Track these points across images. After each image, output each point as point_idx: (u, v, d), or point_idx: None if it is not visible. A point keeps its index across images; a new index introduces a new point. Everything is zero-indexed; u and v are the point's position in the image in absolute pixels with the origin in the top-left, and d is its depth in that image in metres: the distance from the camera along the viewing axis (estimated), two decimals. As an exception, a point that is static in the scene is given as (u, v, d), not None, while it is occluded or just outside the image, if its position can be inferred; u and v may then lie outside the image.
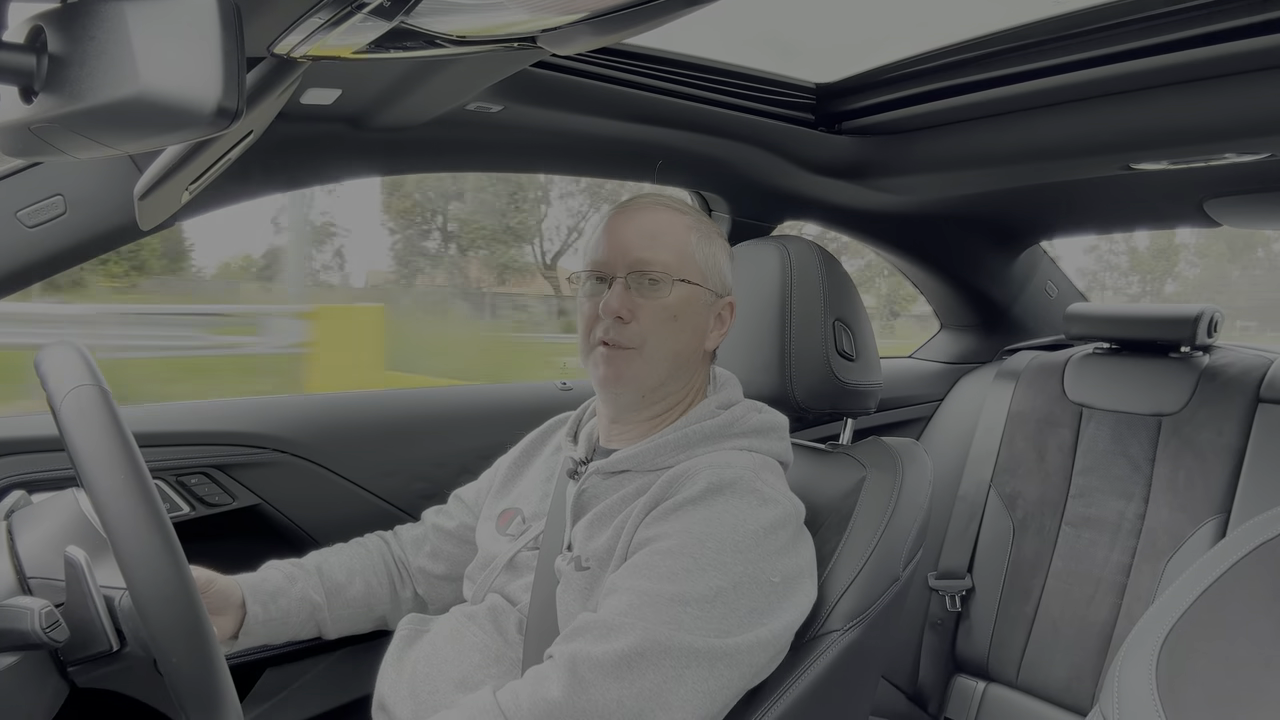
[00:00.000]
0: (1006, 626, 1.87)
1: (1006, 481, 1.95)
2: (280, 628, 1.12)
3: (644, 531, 0.97)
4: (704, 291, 1.06)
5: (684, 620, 0.88)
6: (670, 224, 1.06)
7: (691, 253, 1.06)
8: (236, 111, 0.46)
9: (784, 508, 1.00)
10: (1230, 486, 1.67)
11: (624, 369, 1.04)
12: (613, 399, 1.10)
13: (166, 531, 0.74)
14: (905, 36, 1.43)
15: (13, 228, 1.05)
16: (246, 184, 1.24)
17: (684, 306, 1.04)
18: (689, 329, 1.05)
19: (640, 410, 1.09)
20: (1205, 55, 1.15)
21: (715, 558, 0.91)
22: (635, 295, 1.03)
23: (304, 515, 1.42)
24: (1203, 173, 1.53)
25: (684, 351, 1.06)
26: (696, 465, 1.01)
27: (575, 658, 0.87)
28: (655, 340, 1.03)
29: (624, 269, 1.04)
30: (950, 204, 1.93)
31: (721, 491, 0.96)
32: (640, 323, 1.03)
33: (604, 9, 0.63)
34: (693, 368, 1.09)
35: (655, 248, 1.04)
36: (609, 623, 0.89)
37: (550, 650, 0.91)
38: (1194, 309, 1.84)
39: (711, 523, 0.94)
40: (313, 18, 0.58)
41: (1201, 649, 0.68)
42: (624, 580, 0.93)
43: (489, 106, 1.26)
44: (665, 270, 1.03)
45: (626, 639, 0.86)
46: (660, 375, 1.05)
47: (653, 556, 0.93)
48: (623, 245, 1.04)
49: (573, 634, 0.91)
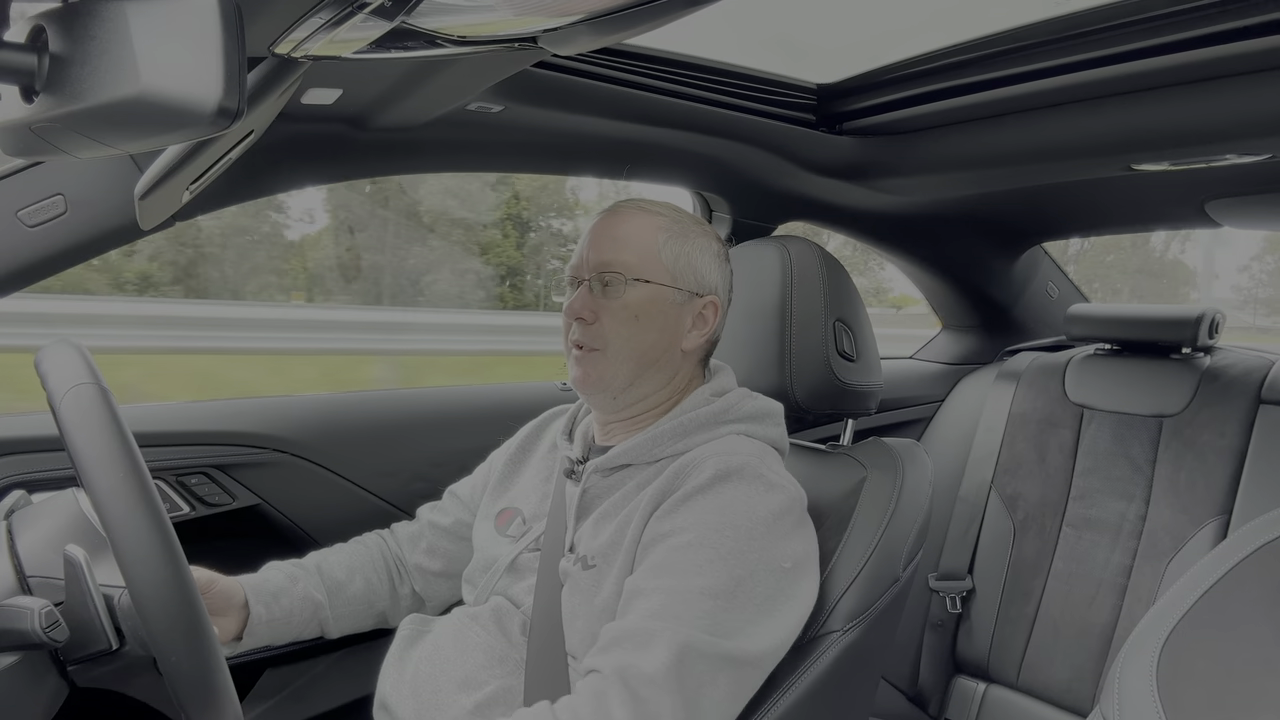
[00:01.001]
0: (1007, 627, 1.87)
1: (1007, 482, 1.95)
2: (283, 628, 1.12)
3: (656, 525, 0.96)
4: (670, 291, 1.06)
5: (714, 616, 0.89)
6: (640, 226, 1.07)
7: (656, 253, 1.06)
8: (237, 111, 0.46)
9: (789, 493, 1.01)
10: (1231, 488, 1.67)
11: (590, 369, 1.05)
12: (588, 399, 1.12)
13: (166, 531, 0.74)
14: (907, 37, 1.43)
15: (13, 227, 1.05)
16: (247, 184, 1.24)
17: (646, 306, 1.05)
18: (654, 329, 1.05)
19: (618, 410, 1.10)
20: (1207, 56, 1.15)
21: (733, 546, 0.92)
22: (599, 297, 1.05)
23: (304, 515, 1.42)
24: (1204, 174, 1.53)
25: (650, 351, 1.06)
26: (701, 454, 1.01)
27: (626, 673, 0.85)
28: (617, 340, 1.04)
29: (590, 271, 1.06)
30: (951, 204, 1.93)
31: (729, 478, 0.97)
32: (602, 323, 1.04)
33: (604, 9, 0.63)
34: (670, 368, 1.09)
35: (618, 249, 1.05)
36: (645, 629, 0.88)
37: (592, 663, 0.89)
38: (1195, 310, 1.84)
39: (725, 511, 0.94)
40: (314, 18, 0.58)
41: (1203, 650, 0.68)
42: (648, 580, 0.92)
43: (490, 107, 1.26)
44: (623, 270, 1.04)
45: (665, 645, 0.86)
46: (626, 375, 1.06)
47: (673, 553, 0.93)
48: (592, 249, 1.07)
49: (610, 644, 0.90)
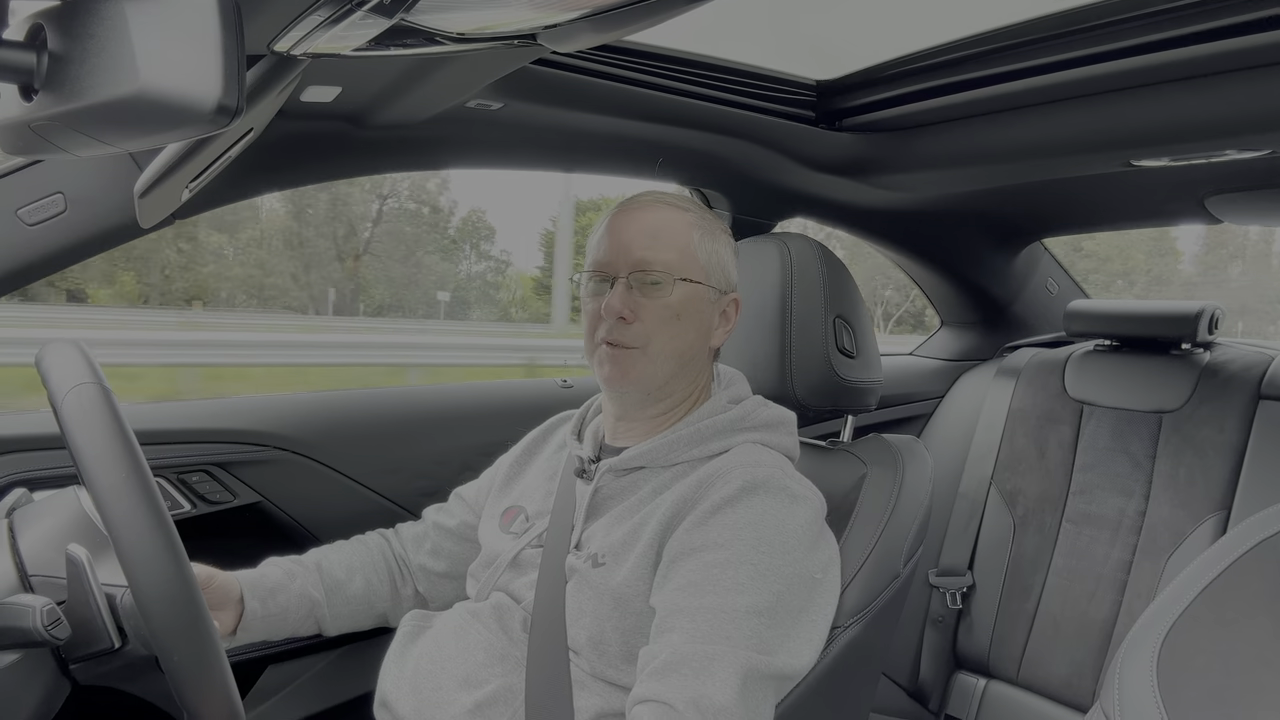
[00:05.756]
0: (1007, 623, 1.87)
1: (1007, 479, 1.95)
2: (279, 624, 1.12)
3: (686, 538, 0.95)
4: (707, 289, 1.06)
5: (760, 634, 0.89)
6: (672, 222, 1.06)
7: (694, 251, 1.05)
8: (236, 109, 0.46)
9: (813, 504, 1.01)
10: (1231, 483, 1.67)
11: (629, 368, 1.04)
12: (618, 398, 1.10)
13: (168, 529, 0.74)
14: (906, 33, 1.42)
15: (13, 226, 1.05)
16: (246, 182, 1.24)
17: (686, 305, 1.04)
18: (693, 327, 1.05)
19: (646, 408, 1.09)
20: (1207, 51, 1.15)
21: (770, 562, 0.92)
22: (638, 295, 1.03)
23: (305, 513, 1.42)
24: (1204, 169, 1.53)
25: (688, 350, 1.06)
26: (726, 464, 1.01)
27: (701, 704, 0.83)
28: (659, 340, 1.03)
29: (626, 269, 1.03)
30: (951, 201, 1.93)
31: (756, 491, 0.96)
32: (643, 322, 1.03)
33: (604, 6, 0.63)
34: (698, 365, 1.09)
35: (657, 247, 1.04)
36: (702, 653, 0.86)
37: (652, 692, 0.86)
38: (1194, 306, 1.84)
39: (758, 526, 0.94)
40: (313, 15, 0.58)
41: (1202, 646, 0.68)
42: (689, 599, 0.91)
43: (489, 104, 1.26)
44: (667, 269, 1.03)
45: (729, 670, 0.85)
46: (665, 374, 1.05)
47: (711, 570, 0.91)
48: (624, 245, 1.04)
49: (666, 670, 0.86)
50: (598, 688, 0.97)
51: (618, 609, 0.97)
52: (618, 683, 0.97)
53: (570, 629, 0.99)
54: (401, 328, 16.52)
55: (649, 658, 0.90)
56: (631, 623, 0.96)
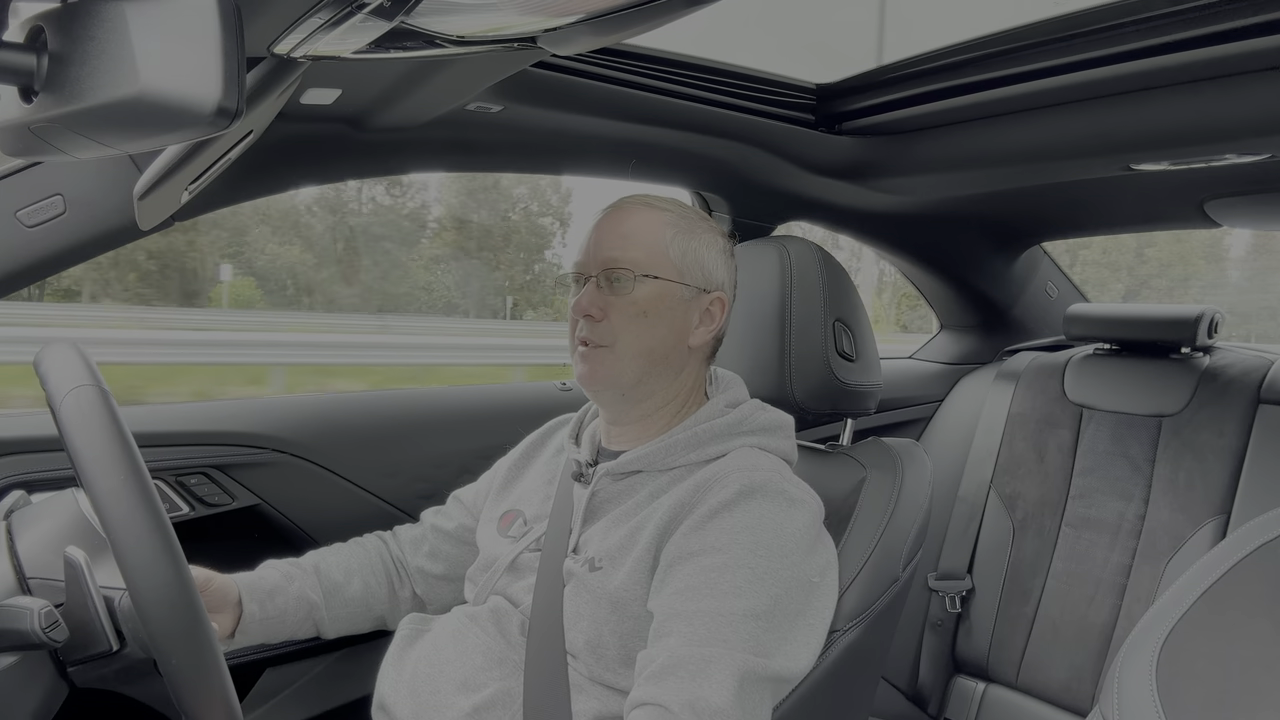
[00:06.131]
0: (1006, 627, 1.87)
1: (1006, 482, 1.95)
2: (277, 626, 1.12)
3: (682, 542, 0.95)
4: (679, 287, 1.06)
5: (758, 637, 0.88)
6: (646, 222, 1.07)
7: (664, 248, 1.06)
8: (236, 111, 0.46)
9: (811, 507, 1.01)
10: (1230, 487, 1.67)
11: (597, 367, 1.05)
12: (595, 397, 1.11)
13: (166, 532, 0.74)
14: (906, 37, 1.43)
15: (12, 227, 1.05)
16: (246, 184, 1.24)
17: (655, 303, 1.04)
18: (663, 325, 1.05)
19: (628, 409, 1.09)
20: (1206, 56, 1.15)
21: (767, 565, 0.92)
22: (606, 293, 1.04)
23: (304, 516, 1.42)
24: (1203, 173, 1.53)
25: (659, 348, 1.06)
26: (723, 469, 1.01)
27: (697, 706, 0.83)
28: (626, 337, 1.04)
29: (596, 268, 1.05)
30: (950, 204, 1.93)
31: (754, 495, 0.96)
32: (610, 320, 1.04)
33: (604, 9, 0.63)
34: (677, 365, 1.09)
35: (625, 246, 1.05)
36: (698, 655, 0.86)
37: (649, 695, 0.86)
38: (1194, 310, 1.84)
39: (756, 530, 0.94)
40: (313, 18, 0.58)
41: (1202, 650, 0.68)
42: (685, 603, 0.91)
43: (489, 107, 1.26)
44: (632, 267, 1.04)
45: (725, 672, 0.85)
46: (635, 372, 1.05)
47: (707, 574, 0.91)
48: (597, 245, 1.06)
49: (662, 673, 0.86)
50: (596, 691, 0.97)
51: (615, 613, 0.97)
52: (616, 686, 0.97)
53: (568, 633, 0.99)
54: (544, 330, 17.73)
55: (646, 661, 0.90)
56: (629, 626, 0.96)
